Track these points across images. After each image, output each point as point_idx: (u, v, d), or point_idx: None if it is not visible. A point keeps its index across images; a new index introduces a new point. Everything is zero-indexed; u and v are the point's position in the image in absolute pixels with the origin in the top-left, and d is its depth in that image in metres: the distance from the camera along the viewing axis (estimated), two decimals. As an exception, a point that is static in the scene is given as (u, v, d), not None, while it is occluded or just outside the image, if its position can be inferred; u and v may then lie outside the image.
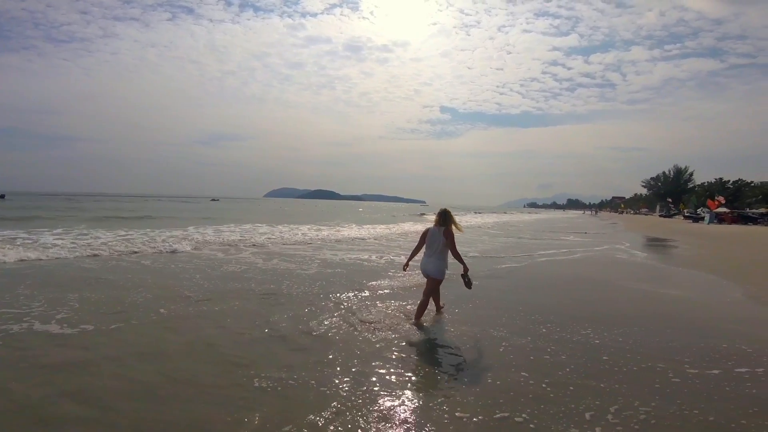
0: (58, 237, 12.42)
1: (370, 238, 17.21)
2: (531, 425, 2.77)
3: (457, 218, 5.37)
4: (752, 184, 75.28)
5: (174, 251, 10.69)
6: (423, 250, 5.31)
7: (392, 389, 3.25)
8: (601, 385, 3.40)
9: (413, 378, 3.51)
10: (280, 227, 19.56)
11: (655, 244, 20.12)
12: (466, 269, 5.20)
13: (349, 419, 2.78)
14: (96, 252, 9.81)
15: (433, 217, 5.77)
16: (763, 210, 47.19)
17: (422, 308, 5.16)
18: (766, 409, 3.00)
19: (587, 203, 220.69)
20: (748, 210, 52.17)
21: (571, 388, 3.33)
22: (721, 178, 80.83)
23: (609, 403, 3.06)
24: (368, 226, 23.67)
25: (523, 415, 2.89)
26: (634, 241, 20.18)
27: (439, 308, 5.50)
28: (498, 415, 2.89)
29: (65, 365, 3.53)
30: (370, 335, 4.50)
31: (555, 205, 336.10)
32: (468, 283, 5.28)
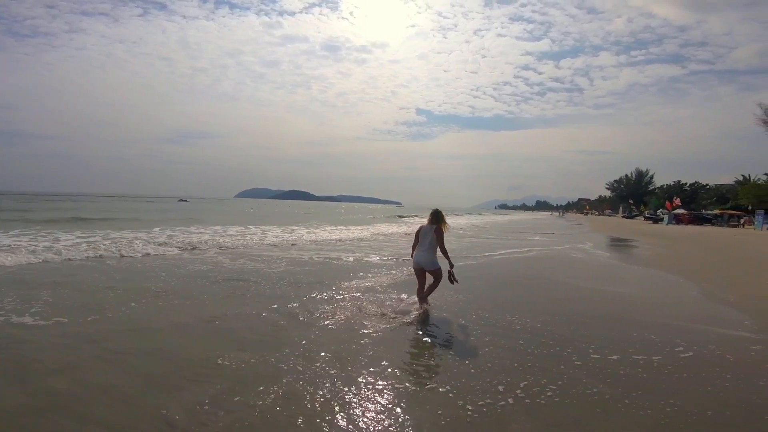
0: (14, 238, 11.97)
1: (346, 240, 17.42)
2: (450, 395, 3.29)
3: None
4: (707, 187, 79.95)
5: (140, 253, 10.35)
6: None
7: (338, 367, 3.71)
8: (515, 364, 3.94)
9: (358, 357, 3.97)
10: (251, 228, 19.56)
11: (616, 244, 21.30)
12: (451, 265, 5.71)
13: (294, 389, 3.24)
14: (56, 254, 9.33)
15: (408, 219, 6.34)
16: (717, 211, 50.27)
17: (424, 291, 5.87)
18: (648, 392, 3.48)
19: (555, 205, 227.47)
20: (703, 211, 55.48)
21: (489, 365, 3.89)
22: (679, 181, 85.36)
23: (519, 380, 3.57)
24: (342, 227, 23.88)
25: (447, 386, 3.42)
26: (595, 241, 21.33)
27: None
28: (428, 386, 3.45)
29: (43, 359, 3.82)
30: (327, 325, 4.97)
31: (524, 207, 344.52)
32: (452, 279, 5.62)
